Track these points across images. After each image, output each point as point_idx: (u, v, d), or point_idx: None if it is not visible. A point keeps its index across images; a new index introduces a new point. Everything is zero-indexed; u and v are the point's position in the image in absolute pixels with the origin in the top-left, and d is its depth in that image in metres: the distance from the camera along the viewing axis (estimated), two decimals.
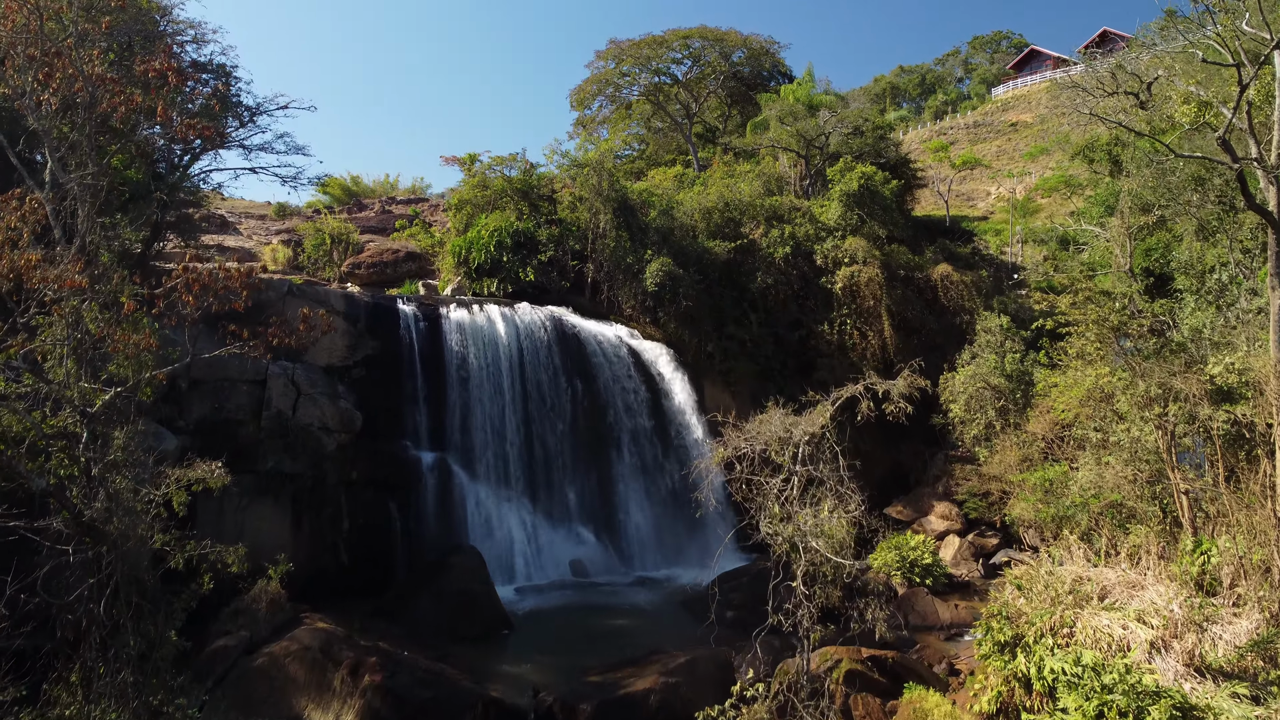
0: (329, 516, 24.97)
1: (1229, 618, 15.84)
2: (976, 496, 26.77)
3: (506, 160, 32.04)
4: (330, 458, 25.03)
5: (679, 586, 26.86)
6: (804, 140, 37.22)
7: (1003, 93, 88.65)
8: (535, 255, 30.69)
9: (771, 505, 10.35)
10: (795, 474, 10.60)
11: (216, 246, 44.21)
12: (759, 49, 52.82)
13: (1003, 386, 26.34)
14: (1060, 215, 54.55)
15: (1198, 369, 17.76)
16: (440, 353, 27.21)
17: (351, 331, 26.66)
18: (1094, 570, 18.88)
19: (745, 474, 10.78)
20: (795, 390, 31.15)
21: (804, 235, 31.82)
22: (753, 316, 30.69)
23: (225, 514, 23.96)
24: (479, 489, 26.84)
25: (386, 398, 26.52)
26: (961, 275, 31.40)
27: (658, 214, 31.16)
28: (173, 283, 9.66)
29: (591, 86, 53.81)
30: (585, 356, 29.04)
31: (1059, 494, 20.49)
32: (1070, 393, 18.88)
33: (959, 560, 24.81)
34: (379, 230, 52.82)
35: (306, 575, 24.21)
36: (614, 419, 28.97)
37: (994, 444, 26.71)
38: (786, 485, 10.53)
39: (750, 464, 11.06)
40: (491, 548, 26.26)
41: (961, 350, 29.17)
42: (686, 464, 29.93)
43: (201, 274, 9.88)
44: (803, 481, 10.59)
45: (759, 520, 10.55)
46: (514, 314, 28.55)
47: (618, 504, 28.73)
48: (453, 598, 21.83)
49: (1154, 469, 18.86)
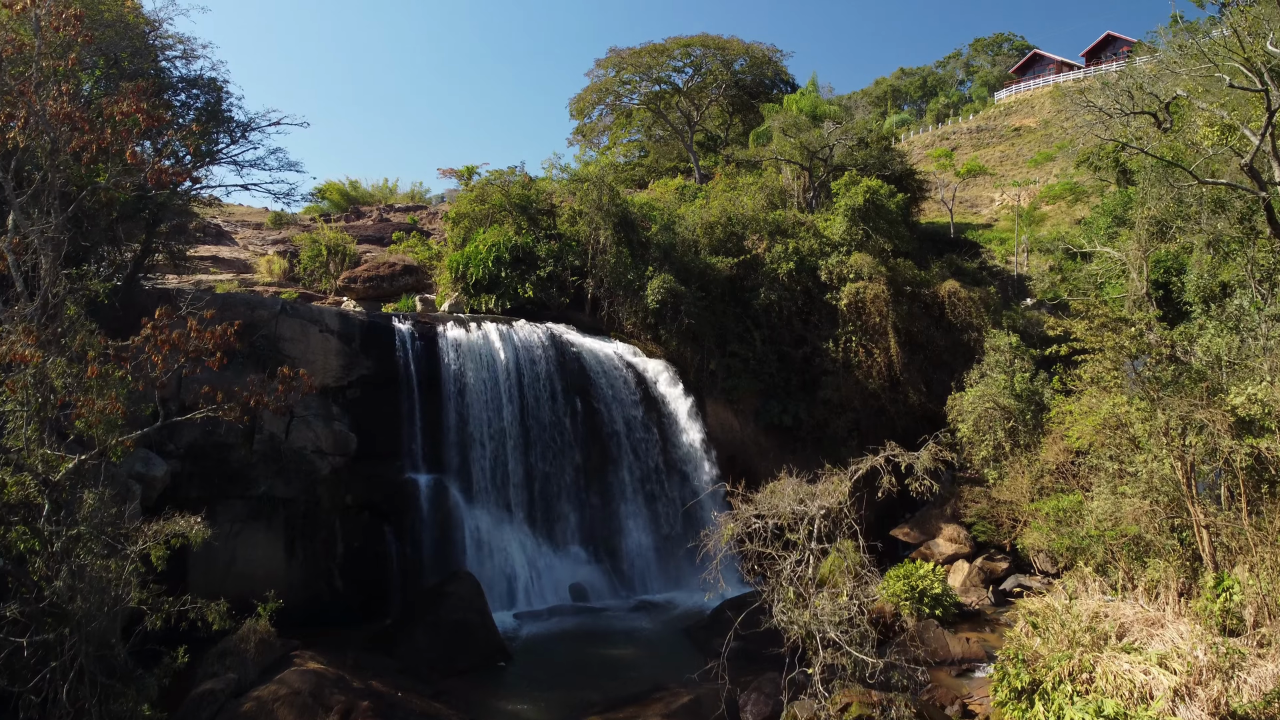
0: (323, 542, 24.42)
1: (1254, 660, 15.24)
2: (985, 519, 26.16)
3: (505, 174, 31.46)
4: (324, 482, 24.46)
5: (681, 612, 26.27)
6: (808, 152, 36.62)
7: (1005, 96, 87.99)
8: (534, 271, 30.09)
9: (785, 588, 9.71)
10: (811, 551, 9.95)
11: (211, 258, 43.67)
12: (761, 57, 52.23)
13: (1012, 407, 25.75)
14: (1066, 223, 53.93)
15: (1219, 398, 17.16)
16: (437, 372, 26.62)
17: (346, 351, 26.06)
18: (1111, 605, 18.26)
19: (756, 548, 10.11)
20: (799, 408, 30.80)
21: (808, 250, 31.23)
22: (756, 333, 30.10)
23: (217, 539, 23.22)
24: (477, 512, 26.25)
25: (382, 419, 25.92)
26: (969, 292, 30.82)
27: (659, 229, 30.56)
28: (140, 340, 9.06)
29: (591, 95, 53.21)
30: (585, 375, 28.44)
31: (1073, 523, 19.89)
32: (1085, 421, 18.28)
33: (968, 587, 24.21)
34: (376, 240, 52.24)
35: (300, 602, 23.57)
36: (615, 439, 28.38)
37: (1003, 466, 26.11)
38: (801, 564, 9.88)
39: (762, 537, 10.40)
40: (490, 572, 25.68)
41: (969, 368, 28.57)
42: (689, 484, 29.41)
43: (171, 334, 9.25)
44: (818, 559, 9.93)
45: (771, 602, 9.91)
46: (512, 332, 27.96)
47: (618, 525, 28.14)
48: (449, 628, 21.23)
49: (1172, 500, 18.25)
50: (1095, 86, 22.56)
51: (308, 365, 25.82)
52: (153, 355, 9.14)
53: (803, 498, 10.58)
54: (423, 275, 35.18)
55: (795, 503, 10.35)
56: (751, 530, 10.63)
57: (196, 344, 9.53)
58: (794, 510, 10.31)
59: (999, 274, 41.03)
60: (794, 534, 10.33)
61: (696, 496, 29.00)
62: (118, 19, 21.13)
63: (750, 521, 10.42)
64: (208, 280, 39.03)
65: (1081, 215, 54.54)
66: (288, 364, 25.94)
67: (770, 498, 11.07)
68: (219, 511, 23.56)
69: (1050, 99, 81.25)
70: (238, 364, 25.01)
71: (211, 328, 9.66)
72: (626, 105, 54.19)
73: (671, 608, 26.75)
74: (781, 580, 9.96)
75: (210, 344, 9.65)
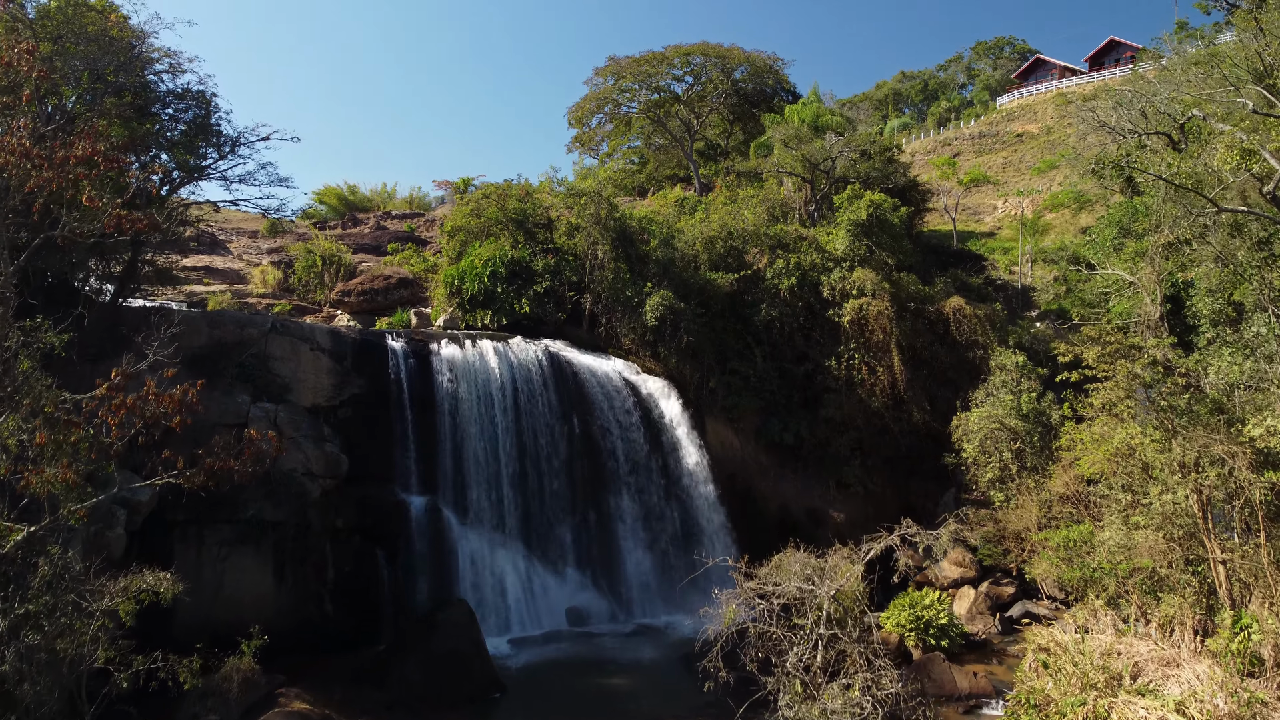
0: (313, 566, 23.82)
1: (1275, 705, 14.66)
2: (991, 543, 25.57)
3: (500, 188, 30.86)
4: (314, 505, 23.86)
5: (680, 637, 25.65)
6: (809, 164, 36.03)
7: (1008, 102, 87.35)
8: (531, 286, 29.51)
9: (791, 679, 9.09)
10: (820, 638, 9.31)
11: (205, 268, 43.14)
12: (762, 66, 51.62)
13: (1019, 428, 25.17)
14: (1070, 232, 53.35)
15: (1236, 429, 16.59)
16: (431, 391, 26.06)
17: (338, 369, 25.50)
18: (1124, 641, 17.67)
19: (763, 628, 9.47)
20: (800, 426, 30.21)
21: (810, 265, 30.65)
22: (757, 350, 29.53)
23: (204, 565, 22.83)
24: (471, 534, 25.68)
25: (374, 439, 25.35)
26: (975, 309, 30.22)
27: (658, 244, 29.97)
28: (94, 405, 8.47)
29: (590, 104, 52.59)
30: (582, 393, 27.88)
31: (1083, 554, 19.31)
32: (1097, 451, 17.70)
33: (974, 614, 23.61)
34: (373, 248, 51.68)
35: (289, 627, 23.06)
36: (612, 458, 27.81)
37: (1009, 488, 25.53)
38: (809, 651, 9.24)
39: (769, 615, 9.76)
40: (484, 596, 25.14)
41: (975, 386, 28.00)
42: (688, 504, 28.84)
43: (126, 399, 8.67)
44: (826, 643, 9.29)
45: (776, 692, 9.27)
46: (507, 349, 27.38)
47: (616, 547, 27.56)
48: (441, 659, 20.64)
49: (1187, 533, 17.67)
50: (1107, 105, 22.04)
51: (298, 384, 25.36)
52: (108, 419, 8.57)
53: (811, 574, 9.93)
54: (418, 288, 34.63)
55: (802, 581, 9.70)
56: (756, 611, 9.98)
57: (154, 409, 8.91)
58: (801, 589, 9.66)
59: (1003, 287, 40.44)
60: (801, 618, 9.68)
61: (696, 517, 28.47)
62: (101, 33, 20.59)
63: (754, 602, 9.77)
64: (200, 291, 38.50)
65: (1085, 224, 53.96)
66: (278, 383, 25.70)
67: (776, 572, 10.43)
68: (206, 535, 23.07)
69: (1053, 105, 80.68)
70: (226, 384, 24.54)
71: (170, 390, 9.02)
72: (625, 114, 53.60)
73: (671, 633, 26.17)
74: (787, 669, 9.33)
75: (169, 408, 9.03)
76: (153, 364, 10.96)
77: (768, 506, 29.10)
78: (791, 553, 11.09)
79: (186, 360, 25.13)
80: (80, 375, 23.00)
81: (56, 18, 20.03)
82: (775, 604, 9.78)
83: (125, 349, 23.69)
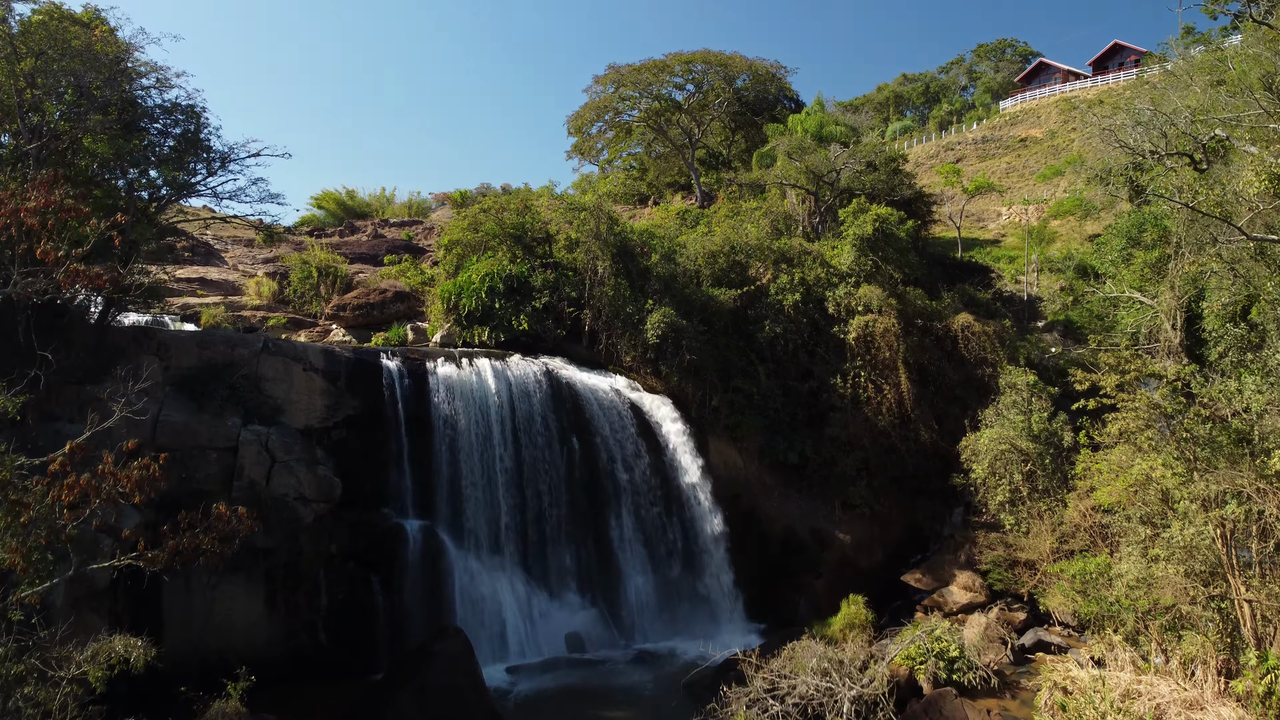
0: (305, 593, 23.23)
1: None
2: (1002, 567, 24.94)
3: (499, 201, 30.18)
4: (307, 530, 23.25)
5: (682, 664, 25.06)
6: (814, 176, 35.31)
7: (1011, 106, 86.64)
8: (529, 301, 28.85)
9: None
10: None
11: (199, 280, 42.46)
12: (764, 74, 50.90)
13: (1030, 450, 24.54)
14: (1076, 240, 52.67)
15: (1260, 462, 15.94)
16: (427, 411, 25.43)
17: (331, 390, 24.87)
18: (1144, 681, 17.01)
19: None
20: (805, 445, 29.54)
21: (814, 280, 29.95)
22: (760, 368, 28.85)
23: (193, 594, 22.25)
24: (468, 559, 25.05)
25: (369, 462, 24.74)
26: (983, 325, 29.52)
27: (659, 258, 29.29)
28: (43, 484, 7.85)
29: (589, 113, 51.88)
30: (582, 412, 27.23)
31: (1100, 587, 18.67)
32: (1115, 483, 17.05)
33: (986, 643, 22.91)
34: (370, 258, 51.02)
35: (281, 656, 22.54)
36: (612, 479, 27.17)
37: (1020, 512, 24.90)
38: None
39: None
40: (482, 622, 24.53)
41: (984, 404, 27.40)
42: (690, 525, 28.17)
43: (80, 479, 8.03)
44: None
45: None
46: (505, 368, 26.75)
47: (617, 569, 26.93)
48: (437, 694, 19.98)
49: (1209, 568, 17.03)
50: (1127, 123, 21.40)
51: (291, 406, 24.71)
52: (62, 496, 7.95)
53: (828, 668, 9.27)
54: (415, 301, 33.98)
55: (819, 677, 9.03)
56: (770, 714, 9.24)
57: (111, 488, 8.24)
58: (817, 688, 8.98)
59: (1010, 298, 39.75)
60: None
61: (699, 538, 27.81)
62: (85, 48, 19.98)
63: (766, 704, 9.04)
64: (194, 304, 37.86)
65: (1091, 231, 53.32)
66: (270, 405, 25.03)
67: (788, 664, 9.75)
68: (194, 563, 22.45)
69: (1057, 109, 80.00)
70: (217, 406, 23.88)
71: (127, 469, 8.34)
72: (625, 122, 52.88)
73: (673, 658, 25.54)
74: None
75: (128, 486, 8.36)
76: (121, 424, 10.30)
77: (772, 527, 28.44)
78: (807, 641, 10.43)
79: (175, 382, 24.49)
80: (66, 399, 22.45)
81: (39, 33, 19.43)
82: (789, 704, 9.05)
83: (112, 368, 23.16)
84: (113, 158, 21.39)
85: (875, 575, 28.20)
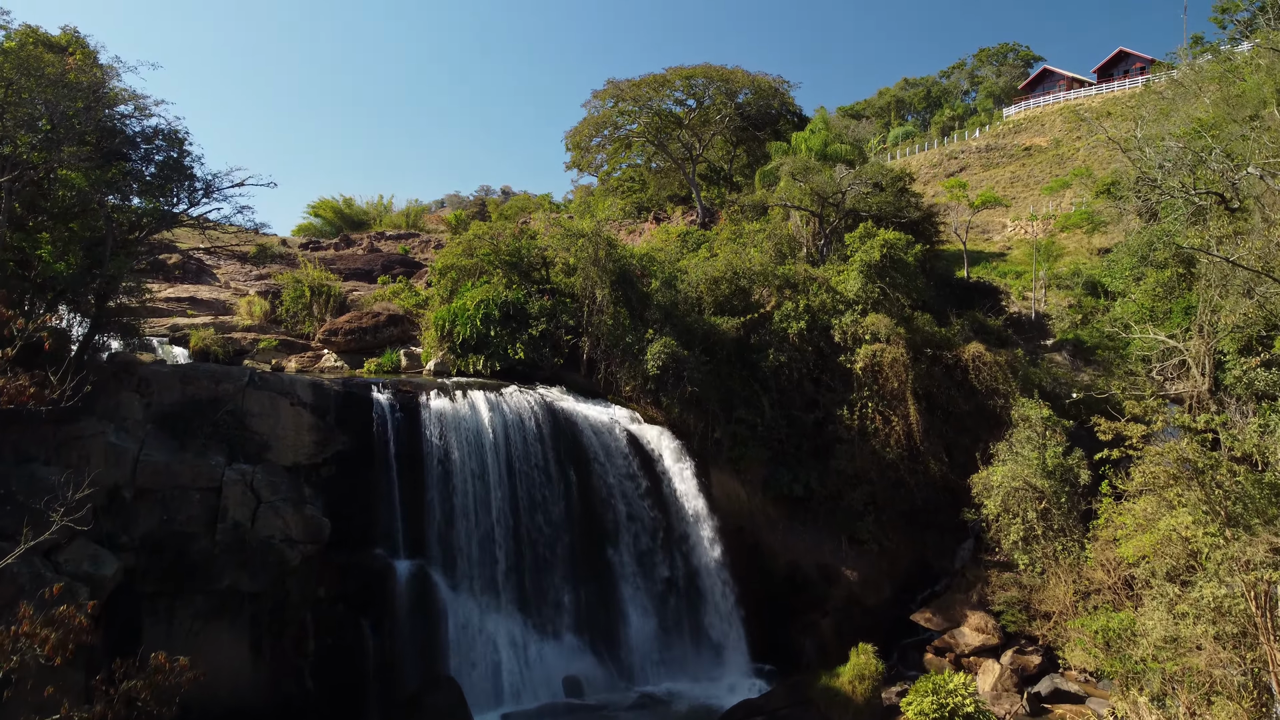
0: (292, 639, 22.33)
1: None
2: (1015, 608, 24.03)
3: (495, 226, 29.31)
4: (294, 573, 22.32)
5: (687, 708, 24.21)
6: (818, 197, 34.35)
7: (1014, 113, 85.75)
8: (526, 329, 27.95)
9: None
10: None
11: (189, 299, 41.59)
12: (767, 88, 49.99)
13: (1045, 488, 23.62)
14: (1084, 254, 51.73)
15: None
16: (419, 447, 24.54)
17: (320, 425, 23.97)
18: None
19: None
20: (811, 477, 28.62)
21: (820, 307, 29.01)
22: (764, 398, 27.92)
23: (175, 639, 21.29)
24: (462, 599, 24.18)
25: (358, 500, 23.85)
26: (995, 355, 28.54)
27: (660, 285, 28.37)
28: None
29: (588, 129, 50.94)
30: (580, 445, 26.34)
31: (1124, 643, 17.77)
32: (1140, 538, 16.16)
33: (1000, 692, 22.06)
34: (365, 274, 50.16)
35: (267, 705, 21.71)
36: (612, 515, 26.28)
37: (1034, 551, 23.98)
38: None
39: None
40: (476, 666, 23.68)
41: (995, 436, 26.44)
42: (692, 561, 27.26)
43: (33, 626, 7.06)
44: None
45: None
46: (500, 400, 25.85)
47: (616, 609, 26.02)
48: None
49: (1241, 628, 16.15)
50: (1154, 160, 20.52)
51: (278, 442, 23.80)
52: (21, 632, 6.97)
53: None
54: (409, 325, 33.08)
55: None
56: None
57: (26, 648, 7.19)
58: None
59: (1017, 318, 38.84)
60: None
61: (701, 574, 26.89)
62: (60, 76, 19.14)
63: None
64: (184, 324, 36.99)
65: (1099, 245, 52.42)
66: (255, 442, 24.11)
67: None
68: (178, 608, 21.66)
69: (1061, 117, 79.11)
70: (200, 444, 22.96)
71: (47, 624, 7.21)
72: (624, 136, 51.91)
73: (674, 702, 24.69)
74: None
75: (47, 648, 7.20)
76: None
77: (776, 562, 27.53)
78: None
79: (157, 419, 23.55)
80: (44, 439, 21.55)
81: (9, 61, 18.57)
82: None
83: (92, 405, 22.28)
84: (89, 189, 20.51)
85: (883, 612, 27.29)
